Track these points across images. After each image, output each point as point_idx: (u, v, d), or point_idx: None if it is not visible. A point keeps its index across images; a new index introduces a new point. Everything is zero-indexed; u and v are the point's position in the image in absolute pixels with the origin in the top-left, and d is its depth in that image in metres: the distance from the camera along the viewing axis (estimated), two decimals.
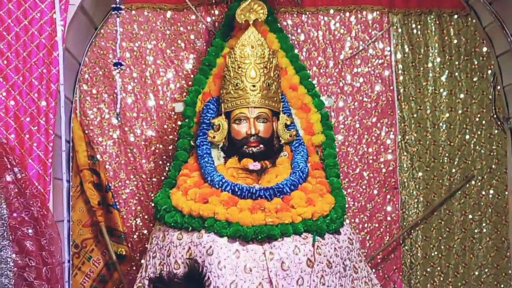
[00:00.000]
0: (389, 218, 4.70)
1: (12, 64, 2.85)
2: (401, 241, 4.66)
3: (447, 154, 4.75)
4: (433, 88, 4.75)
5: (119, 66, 3.45)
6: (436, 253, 4.69)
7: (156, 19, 4.60)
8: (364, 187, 4.73)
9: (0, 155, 2.60)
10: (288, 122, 4.13)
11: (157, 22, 4.59)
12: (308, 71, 4.43)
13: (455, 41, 4.75)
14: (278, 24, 4.44)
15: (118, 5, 2.69)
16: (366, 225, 4.67)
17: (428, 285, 4.66)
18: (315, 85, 4.39)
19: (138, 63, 4.58)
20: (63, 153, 2.95)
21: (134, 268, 4.41)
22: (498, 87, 4.59)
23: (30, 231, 2.52)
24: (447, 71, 4.74)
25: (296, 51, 4.46)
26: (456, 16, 4.67)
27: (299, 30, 4.71)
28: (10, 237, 2.49)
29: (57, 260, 2.60)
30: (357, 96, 4.73)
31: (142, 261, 4.07)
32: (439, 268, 4.67)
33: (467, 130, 4.74)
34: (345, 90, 4.72)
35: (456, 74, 4.75)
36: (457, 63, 4.75)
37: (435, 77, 4.76)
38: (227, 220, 3.75)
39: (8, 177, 2.57)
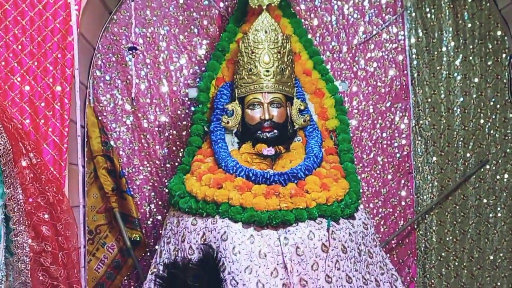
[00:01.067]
0: (403, 203, 4.71)
1: (27, 49, 2.83)
2: (415, 226, 4.66)
3: (461, 139, 4.75)
4: (447, 72, 4.74)
5: (133, 50, 3.46)
6: (450, 237, 4.69)
7: (169, 4, 4.57)
8: (378, 172, 4.74)
9: (15, 140, 2.60)
10: (302, 107, 4.12)
11: (170, 7, 4.57)
12: (322, 56, 4.41)
13: (469, 25, 4.72)
14: (292, 9, 4.43)
15: None
16: (380, 210, 4.67)
17: (443, 270, 4.66)
18: (329, 70, 4.39)
19: (151, 49, 4.56)
20: (78, 138, 2.97)
21: (148, 254, 4.42)
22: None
23: (46, 216, 2.52)
24: (461, 55, 4.72)
25: (309, 36, 4.44)
26: (470, 0, 4.62)
27: (312, 15, 4.69)
28: (26, 223, 2.50)
29: (73, 246, 2.61)
30: (371, 81, 4.72)
31: (156, 247, 4.09)
32: (453, 253, 4.67)
33: (482, 114, 4.72)
34: (359, 75, 4.73)
35: (471, 58, 4.72)
36: (471, 47, 4.71)
37: (449, 61, 4.74)
38: (242, 206, 3.75)
39: (24, 162, 2.57)
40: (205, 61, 4.51)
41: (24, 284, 2.48)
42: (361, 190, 4.08)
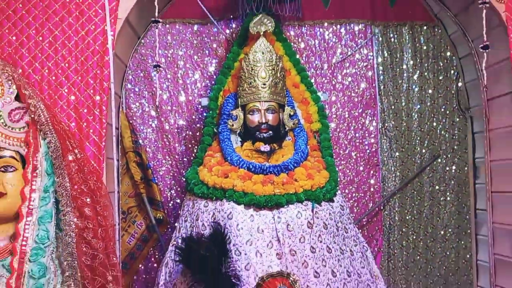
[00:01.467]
0: (372, 189, 4.70)
1: (72, 66, 2.80)
2: (381, 208, 4.64)
3: (418, 138, 4.72)
4: (407, 85, 4.73)
5: (157, 67, 3.45)
6: (410, 216, 4.69)
7: (186, 31, 4.54)
8: (352, 164, 4.71)
9: (63, 139, 2.58)
10: (292, 113, 4.09)
11: (186, 33, 4.54)
12: (307, 72, 4.37)
13: (425, 47, 4.71)
14: (283, 35, 4.39)
15: (156, 19, 2.63)
16: (354, 194, 4.64)
17: (404, 242, 4.63)
18: (313, 83, 4.35)
19: (172, 66, 4.54)
20: (113, 138, 2.92)
21: (169, 229, 4.40)
22: (460, 84, 4.62)
23: (88, 200, 2.52)
24: (418, 71, 4.71)
25: (297, 56, 4.40)
26: (425, 27, 4.60)
27: (299, 40, 4.65)
28: (72, 205, 2.49)
29: (109, 223, 2.59)
30: (346, 92, 4.68)
31: (176, 224, 4.06)
32: (412, 229, 4.64)
33: (434, 119, 4.71)
34: (337, 87, 4.68)
35: (425, 74, 4.69)
36: (426, 65, 4.69)
37: (408, 76, 4.71)
38: (244, 191, 3.73)
39: (70, 157, 2.56)
40: (214, 76, 4.48)
41: (70, 254, 2.47)
42: (338, 179, 4.05)
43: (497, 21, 2.94)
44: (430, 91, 4.71)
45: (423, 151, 4.73)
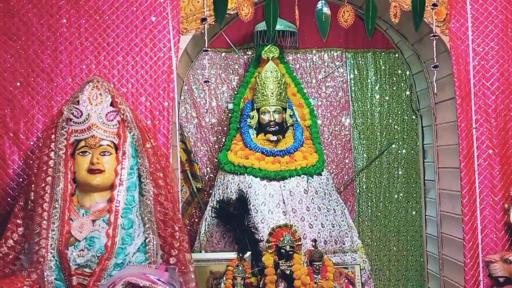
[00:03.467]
0: (347, 167, 4.59)
1: (148, 82, 2.70)
2: (354, 179, 4.60)
3: (378, 131, 4.60)
4: (370, 93, 4.61)
5: (207, 82, 3.40)
6: (373, 185, 4.57)
7: (216, 57, 4.44)
8: (333, 149, 4.58)
9: (143, 132, 2.49)
10: (291, 113, 4.00)
11: (217, 58, 4.44)
12: (302, 85, 4.26)
13: (383, 67, 4.59)
14: (285, 59, 4.33)
15: (206, 49, 2.54)
16: (334, 170, 4.57)
17: (369, 203, 4.54)
18: (306, 93, 4.28)
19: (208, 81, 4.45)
20: (176, 132, 2.88)
21: (206, 195, 4.31)
22: (408, 93, 4.51)
23: (161, 174, 2.45)
24: (378, 84, 4.59)
25: (294, 74, 4.27)
26: (383, 53, 4.54)
27: (296, 62, 4.58)
28: (150, 178, 2.43)
29: (175, 190, 2.55)
30: (328, 99, 4.59)
31: (211, 191, 4.02)
32: (375, 193, 4.55)
33: (390, 117, 4.59)
34: (322, 95, 4.59)
35: (383, 86, 4.59)
36: (384, 79, 4.59)
37: (371, 87, 4.61)
38: (259, 168, 3.68)
39: (148, 145, 2.48)
40: (236, 88, 4.42)
41: (149, 212, 2.40)
42: (324, 160, 3.97)
43: (443, 48, 2.89)
44: (387, 97, 4.60)
45: (382, 139, 4.60)
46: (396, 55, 4.41)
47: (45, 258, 2.18)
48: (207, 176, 4.44)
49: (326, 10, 2.52)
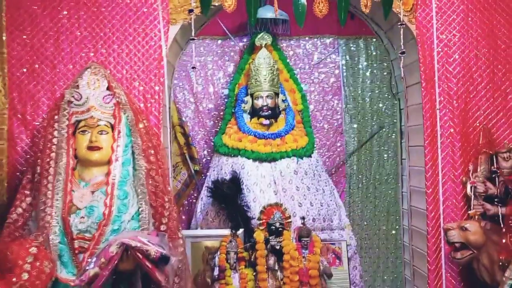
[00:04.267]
0: (338, 150, 4.72)
1: (141, 68, 2.91)
2: (345, 161, 4.73)
3: (369, 115, 4.74)
4: (361, 79, 4.74)
5: (193, 69, 3.58)
6: (363, 166, 4.73)
7: (213, 44, 4.59)
8: (324, 132, 4.72)
9: (136, 113, 2.68)
10: (283, 99, 4.08)
11: (213, 46, 4.59)
12: (294, 71, 4.42)
13: (374, 53, 4.73)
14: (278, 46, 4.45)
15: (193, 38, 2.76)
16: (326, 153, 4.69)
17: (360, 184, 4.71)
18: (298, 78, 4.39)
19: (203, 68, 4.58)
20: (166, 114, 3.09)
21: (203, 177, 4.43)
22: (390, 78, 4.64)
23: (152, 151, 2.66)
24: (369, 70, 4.73)
25: (287, 60, 4.45)
26: (374, 40, 4.66)
27: (289, 49, 4.70)
28: (142, 154, 2.64)
29: (165, 166, 2.76)
30: (321, 84, 4.73)
31: (207, 173, 4.11)
32: (365, 175, 4.72)
33: (380, 102, 4.74)
34: (314, 81, 4.71)
35: (374, 71, 4.74)
36: (375, 65, 4.73)
37: (363, 73, 4.75)
38: (252, 150, 3.82)
39: (140, 125, 2.68)
40: (232, 74, 4.54)
41: (142, 184, 2.60)
42: (315, 142, 4.12)
43: (410, 36, 3.09)
44: (378, 82, 4.73)
45: (373, 123, 4.74)
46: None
47: (50, 224, 2.47)
48: (204, 159, 4.59)
49: (303, 0, 2.79)
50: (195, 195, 4.48)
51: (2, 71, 2.72)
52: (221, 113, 4.53)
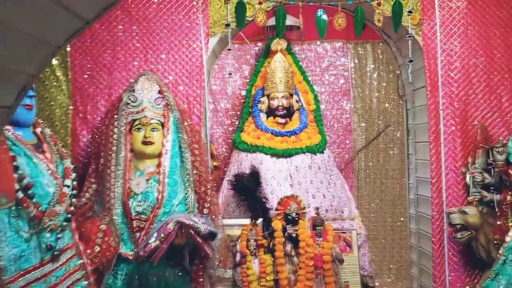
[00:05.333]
0: (347, 147, 4.99)
1: (185, 75, 3.39)
2: (354, 157, 5.00)
3: (376, 114, 5.01)
4: (369, 81, 5.04)
5: (230, 75, 4.00)
6: (371, 163, 5.02)
7: (235, 51, 4.86)
8: (335, 130, 4.98)
9: (182, 113, 3.17)
10: (297, 99, 4.31)
11: (231, 50, 4.50)
12: (307, 73, 4.66)
13: (380, 56, 5.03)
14: (292, 50, 4.70)
15: (230, 48, 3.28)
16: (336, 150, 4.95)
17: (367, 179, 4.99)
18: (310, 80, 4.65)
19: (221, 70, 4.88)
20: (206, 113, 3.47)
21: (222, 172, 4.54)
22: (397, 81, 4.88)
23: (196, 146, 3.21)
24: (376, 72, 5.02)
25: (300, 63, 4.70)
26: (381, 44, 4.92)
27: (301, 53, 4.97)
28: (188, 148, 3.18)
29: (206, 158, 3.27)
30: (331, 86, 5.01)
31: (226, 168, 4.37)
32: (372, 170, 5.00)
33: (386, 102, 5.03)
34: (325, 83, 4.99)
35: (381, 73, 5.04)
36: (381, 67, 5.03)
37: (370, 75, 5.04)
38: (269, 147, 4.06)
39: (185, 123, 3.20)
40: (248, 77, 4.81)
41: (188, 174, 3.12)
42: (326, 140, 4.33)
43: (417, 46, 3.59)
44: (384, 84, 5.01)
45: (379, 122, 5.00)
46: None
47: (114, 207, 3.12)
48: (222, 155, 4.84)
49: (325, 17, 3.39)
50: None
51: (67, 77, 3.33)
52: (238, 112, 4.83)
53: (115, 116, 3.26)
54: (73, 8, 1.26)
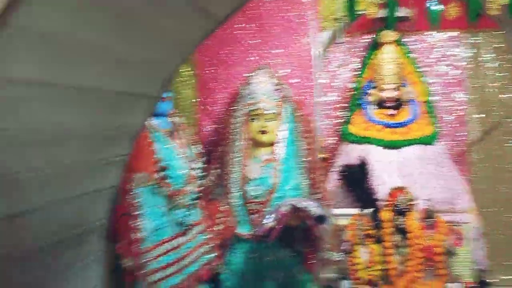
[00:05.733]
0: (461, 138, 4.69)
1: (295, 69, 3.75)
2: (468, 150, 4.70)
3: (492, 105, 4.72)
4: (486, 71, 4.70)
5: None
6: (486, 156, 4.70)
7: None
8: (448, 122, 4.68)
9: (295, 105, 3.53)
10: (407, 90, 4.18)
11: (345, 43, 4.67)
12: (417, 64, 4.48)
13: (496, 46, 4.65)
14: (401, 41, 4.47)
15: (339, 41, 3.57)
16: (449, 142, 4.61)
17: (482, 173, 4.64)
18: (421, 71, 4.47)
19: (328, 64, 4.71)
20: (316, 107, 3.87)
21: (329, 164, 4.28)
22: None
23: (308, 135, 3.51)
24: (491, 62, 4.71)
25: (411, 54, 4.52)
26: (497, 33, 4.60)
27: (412, 43, 4.59)
28: (301, 137, 3.51)
29: (316, 148, 3.59)
30: (443, 77, 4.70)
31: (333, 160, 4.28)
32: (487, 163, 4.70)
33: (505, 92, 4.68)
34: (437, 74, 4.69)
35: (497, 63, 4.69)
36: (498, 57, 4.69)
37: (485, 65, 4.71)
38: (379, 138, 4.09)
39: (299, 113, 3.54)
40: (354, 69, 4.66)
41: (301, 162, 3.47)
42: (438, 132, 4.28)
43: None
44: (502, 74, 4.62)
45: (497, 114, 4.67)
46: None
47: (232, 190, 3.46)
48: (330, 147, 4.53)
49: (438, 6, 3.37)
50: None
51: (192, 72, 3.74)
52: (346, 105, 4.67)
53: (234, 108, 3.62)
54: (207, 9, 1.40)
